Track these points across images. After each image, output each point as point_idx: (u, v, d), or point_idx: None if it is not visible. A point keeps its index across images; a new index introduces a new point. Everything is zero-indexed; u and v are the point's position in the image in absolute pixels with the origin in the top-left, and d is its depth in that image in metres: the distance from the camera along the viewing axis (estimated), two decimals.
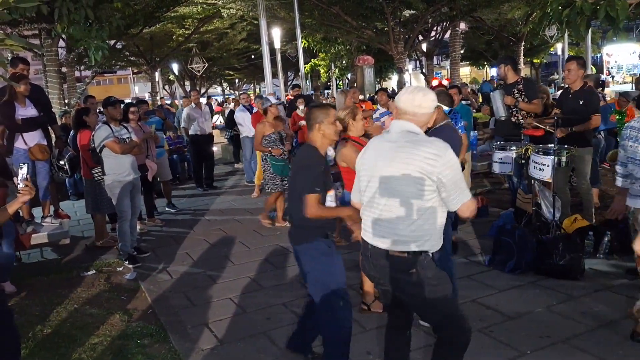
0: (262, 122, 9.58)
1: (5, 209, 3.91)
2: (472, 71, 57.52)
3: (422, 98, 3.55)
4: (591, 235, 6.84)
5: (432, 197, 3.40)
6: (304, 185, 4.13)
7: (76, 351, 5.27)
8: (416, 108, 3.54)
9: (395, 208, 3.46)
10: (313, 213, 4.08)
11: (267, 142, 9.24)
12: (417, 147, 3.41)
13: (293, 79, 49.32)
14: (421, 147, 3.40)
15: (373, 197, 3.59)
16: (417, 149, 3.40)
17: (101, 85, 66.27)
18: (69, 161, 8.78)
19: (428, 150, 3.36)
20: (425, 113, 3.57)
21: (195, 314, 6.03)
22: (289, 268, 7.25)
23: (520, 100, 8.01)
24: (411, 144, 3.45)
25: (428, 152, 3.36)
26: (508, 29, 28.50)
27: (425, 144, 3.43)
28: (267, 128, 9.37)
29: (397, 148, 3.48)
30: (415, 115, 3.55)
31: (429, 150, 3.36)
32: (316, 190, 4.08)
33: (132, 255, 7.82)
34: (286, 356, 4.93)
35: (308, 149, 4.34)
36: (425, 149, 3.38)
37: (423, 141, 3.47)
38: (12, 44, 3.90)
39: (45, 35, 14.02)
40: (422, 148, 3.39)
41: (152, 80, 32.84)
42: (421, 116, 3.57)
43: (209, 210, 11.13)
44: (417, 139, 3.48)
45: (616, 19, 6.28)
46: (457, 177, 3.39)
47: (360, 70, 23.37)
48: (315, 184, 4.09)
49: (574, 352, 4.63)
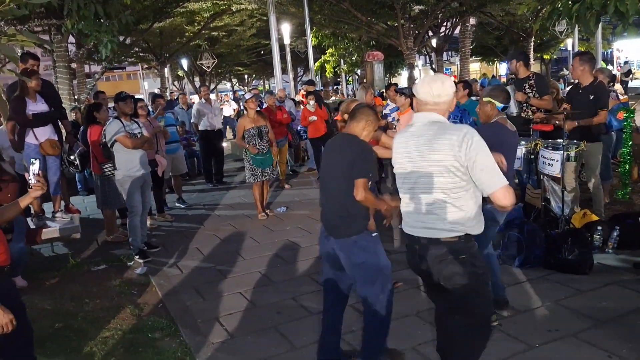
0: (245, 116, 9.92)
1: (17, 204, 3.93)
2: (482, 67, 57.32)
3: (441, 87, 3.60)
4: (600, 230, 6.84)
5: (466, 185, 3.45)
6: (358, 168, 4.19)
7: (88, 345, 5.32)
8: (436, 98, 3.60)
9: (434, 199, 3.51)
10: (362, 196, 4.14)
11: (247, 136, 9.56)
12: (443, 136, 3.45)
13: (302, 74, 49.25)
14: (446, 135, 3.44)
15: (412, 192, 3.65)
16: (443, 138, 3.44)
17: (110, 81, 66.34)
18: (79, 156, 8.83)
19: (453, 137, 3.40)
20: (446, 101, 3.62)
21: (206, 309, 6.06)
22: (299, 263, 7.29)
23: (532, 96, 8.01)
24: (436, 134, 3.49)
25: (453, 138, 3.39)
26: (518, 24, 28.42)
27: (450, 131, 3.47)
28: (247, 123, 9.65)
29: (425, 141, 3.53)
30: (437, 105, 3.61)
31: (454, 137, 3.40)
32: (369, 176, 4.18)
33: (142, 250, 7.86)
34: (296, 350, 4.96)
35: (355, 137, 4.39)
36: (450, 136, 3.42)
37: (448, 128, 3.51)
38: (24, 40, 3.93)
39: (54, 31, 14.10)
40: (447, 135, 3.43)
41: (162, 76, 32.86)
42: (442, 104, 3.62)
43: (219, 205, 11.17)
44: (442, 128, 3.52)
45: (626, 14, 6.27)
46: (487, 162, 3.39)
47: (370, 66, 23.37)
48: (369, 170, 4.20)
49: (582, 346, 4.64)
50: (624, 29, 6.77)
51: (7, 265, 3.80)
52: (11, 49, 3.97)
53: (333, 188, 4.41)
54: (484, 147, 3.41)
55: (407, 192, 3.70)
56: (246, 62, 44.40)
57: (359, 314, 5.55)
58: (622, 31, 6.89)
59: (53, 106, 8.12)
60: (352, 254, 4.33)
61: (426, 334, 4.97)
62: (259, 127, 9.62)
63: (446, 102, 3.63)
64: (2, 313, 3.43)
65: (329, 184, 4.47)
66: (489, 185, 3.40)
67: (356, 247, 4.29)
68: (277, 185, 12.20)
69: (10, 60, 3.97)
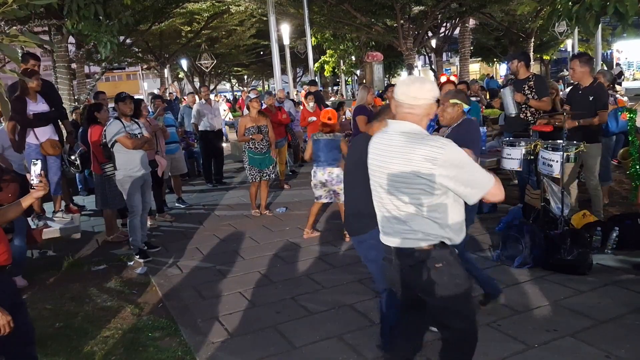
0: (246, 115, 10.11)
1: (19, 203, 3.95)
2: (482, 67, 57.36)
3: (418, 89, 3.39)
4: (599, 230, 6.86)
5: (442, 194, 3.30)
6: None
7: (88, 344, 5.34)
8: (412, 100, 3.38)
9: (406, 207, 3.38)
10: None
11: (248, 134, 9.73)
12: (417, 148, 3.27)
13: (302, 75, 49.30)
14: (420, 147, 3.26)
15: (385, 201, 3.53)
16: (416, 150, 3.26)
17: (110, 81, 66.41)
18: (80, 156, 8.85)
19: (427, 149, 3.22)
20: (422, 105, 3.39)
21: (206, 308, 6.07)
22: (299, 263, 7.30)
23: (530, 97, 8.02)
24: (410, 145, 3.32)
25: (427, 151, 3.22)
26: (517, 25, 28.45)
27: (424, 142, 3.28)
28: (248, 121, 9.80)
29: (398, 152, 3.36)
30: (412, 108, 3.40)
31: (427, 149, 3.22)
32: None
33: (142, 250, 7.87)
34: (296, 350, 4.98)
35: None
36: (423, 148, 3.24)
37: (422, 140, 3.31)
38: (26, 41, 3.94)
39: (54, 31, 14.12)
40: (421, 148, 3.25)
41: (161, 77, 32.88)
42: (418, 108, 3.39)
43: (218, 205, 11.18)
44: (416, 139, 3.33)
45: (625, 15, 6.28)
46: (466, 174, 3.24)
47: (370, 67, 23.37)
48: None
49: (581, 346, 4.65)
50: (623, 30, 6.78)
51: (8, 265, 3.81)
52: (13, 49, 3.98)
53: (350, 187, 4.48)
54: (461, 160, 3.25)
55: (380, 200, 3.58)
56: (245, 62, 44.45)
57: (358, 313, 5.58)
58: (622, 32, 6.90)
59: (53, 106, 8.14)
60: (364, 251, 4.47)
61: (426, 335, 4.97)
62: (259, 126, 9.76)
63: (422, 107, 3.40)
64: (0, 314, 3.44)
65: (348, 182, 4.54)
66: (472, 196, 3.31)
67: (367, 244, 4.38)
68: (277, 186, 12.21)
69: (12, 60, 3.99)
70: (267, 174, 9.91)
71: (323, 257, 7.37)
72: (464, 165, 3.25)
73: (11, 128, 7.76)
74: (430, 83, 3.47)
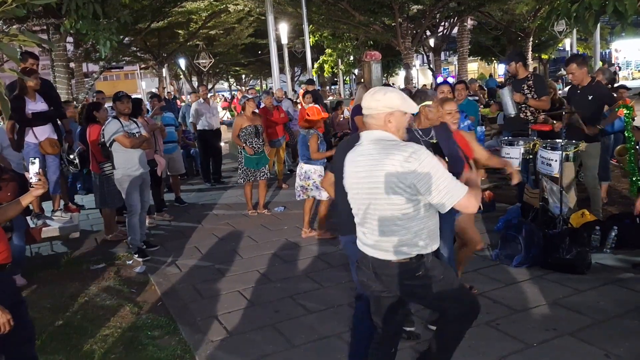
0: (241, 115, 10.12)
1: (18, 202, 3.96)
2: (480, 66, 57.39)
3: (370, 99, 3.47)
4: (598, 230, 6.86)
5: (418, 201, 3.33)
6: None
7: (87, 342, 5.35)
8: (366, 110, 3.49)
9: (383, 220, 3.40)
10: None
11: (244, 134, 9.75)
12: (389, 156, 3.31)
13: (300, 74, 49.29)
14: (391, 155, 3.30)
15: (362, 212, 3.54)
16: (388, 158, 3.31)
17: (108, 80, 66.46)
18: (78, 155, 8.85)
19: (398, 157, 3.26)
20: (375, 114, 3.44)
21: (205, 307, 6.08)
22: (297, 262, 7.31)
23: (530, 97, 8.03)
24: (382, 153, 3.36)
25: (398, 158, 3.26)
26: (516, 24, 28.46)
27: (396, 150, 3.31)
28: (244, 121, 9.83)
29: (371, 160, 3.40)
30: (370, 117, 3.48)
31: (399, 157, 3.26)
32: None
33: (141, 249, 7.88)
34: (294, 348, 4.98)
35: None
36: (395, 156, 3.28)
37: (393, 148, 3.35)
38: (25, 40, 3.94)
39: (53, 30, 14.10)
40: (392, 156, 3.29)
41: (160, 76, 32.87)
42: (370, 118, 3.48)
43: (216, 204, 11.19)
44: (388, 147, 3.37)
45: (624, 14, 6.28)
46: (436, 180, 3.26)
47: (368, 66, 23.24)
48: None
49: (580, 345, 4.66)
50: (622, 29, 6.78)
51: (8, 263, 3.82)
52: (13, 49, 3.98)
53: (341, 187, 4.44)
54: (432, 165, 3.27)
55: (357, 211, 3.60)
56: (243, 62, 44.44)
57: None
58: (621, 31, 6.90)
59: (52, 105, 8.13)
60: (352, 251, 4.35)
61: (423, 332, 4.98)
62: (256, 125, 9.81)
63: (375, 117, 3.45)
64: (0, 313, 3.45)
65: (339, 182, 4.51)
66: (445, 202, 3.28)
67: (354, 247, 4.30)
68: (275, 185, 12.22)
69: (12, 59, 3.98)
70: (264, 172, 9.95)
71: (321, 256, 7.37)
72: (436, 172, 3.27)
73: (10, 127, 7.75)
74: (382, 94, 3.48)
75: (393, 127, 3.45)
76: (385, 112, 3.42)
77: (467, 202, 3.32)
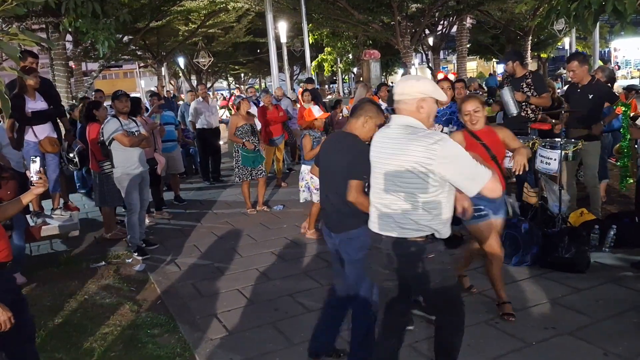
0: (236, 114, 10.15)
1: (19, 200, 3.98)
2: (479, 65, 57.35)
3: (403, 85, 3.62)
4: (597, 228, 6.87)
5: (437, 190, 3.44)
6: (354, 169, 4.16)
7: (87, 340, 5.36)
8: (398, 95, 3.62)
9: (401, 201, 3.51)
10: (354, 197, 4.12)
11: (240, 132, 9.80)
12: (415, 141, 3.43)
13: (299, 73, 49.23)
14: (418, 140, 3.42)
15: (382, 191, 3.64)
16: (414, 143, 3.43)
17: (107, 79, 66.38)
18: (78, 154, 8.85)
19: (424, 147, 3.38)
20: (406, 100, 3.58)
21: (204, 305, 6.09)
22: (296, 260, 7.32)
23: (530, 94, 8.02)
24: (409, 138, 3.48)
25: (424, 144, 3.38)
26: (515, 23, 28.45)
27: (422, 136, 3.44)
28: (240, 120, 9.89)
29: (398, 143, 3.53)
30: (398, 103, 3.63)
31: (425, 143, 3.38)
32: (364, 178, 4.10)
33: (140, 247, 7.89)
34: (293, 346, 4.99)
35: (354, 137, 4.36)
36: (421, 141, 3.41)
37: (420, 134, 3.47)
38: (25, 39, 3.94)
39: (52, 29, 14.08)
40: (419, 141, 3.41)
41: (159, 75, 32.83)
42: (402, 104, 3.61)
43: (216, 203, 11.20)
44: (415, 133, 3.50)
45: (624, 13, 6.29)
46: (462, 168, 3.39)
47: (367, 65, 23.36)
48: (364, 171, 4.06)
49: (579, 344, 4.67)
50: (622, 28, 6.78)
51: (9, 262, 3.82)
52: (13, 47, 3.98)
53: (332, 185, 4.41)
54: (458, 155, 3.41)
55: (378, 190, 3.70)
56: (242, 60, 44.37)
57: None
58: (620, 30, 6.90)
59: (52, 104, 8.14)
60: (348, 250, 4.34)
61: (422, 331, 4.99)
62: (251, 124, 9.95)
63: (407, 103, 3.58)
64: (0, 311, 3.46)
65: (328, 180, 4.48)
66: (471, 188, 3.42)
67: (353, 243, 4.29)
68: (274, 184, 12.23)
69: (12, 58, 3.99)
70: (261, 170, 10.01)
71: (320, 255, 7.37)
72: (461, 158, 3.39)
73: (10, 126, 7.76)
74: (415, 81, 3.67)
75: (424, 113, 3.59)
76: (418, 97, 3.55)
77: (493, 185, 3.43)
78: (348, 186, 4.15)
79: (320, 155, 4.70)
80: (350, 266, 4.37)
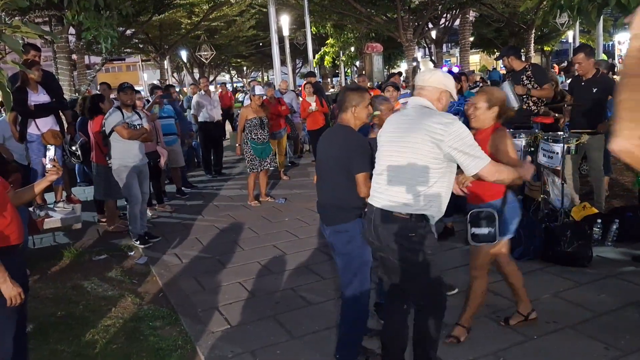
0: (247, 107, 10.34)
1: (32, 188, 4.10)
2: (482, 59, 57.24)
3: (429, 76, 3.86)
4: (599, 222, 6.85)
5: (440, 168, 3.62)
6: (358, 164, 4.16)
7: (89, 333, 5.36)
8: (420, 81, 3.90)
9: (402, 175, 3.67)
10: (366, 192, 4.08)
11: (249, 125, 9.91)
12: (429, 119, 3.63)
13: (301, 66, 49.19)
14: (432, 119, 3.62)
15: (383, 165, 3.81)
16: (428, 120, 3.62)
17: (110, 72, 66.27)
18: (80, 147, 8.86)
19: (436, 122, 3.59)
20: (426, 87, 3.83)
21: (206, 298, 6.10)
22: (298, 253, 7.32)
23: (530, 87, 8.00)
24: (423, 116, 3.69)
25: (437, 123, 3.58)
26: (518, 16, 28.38)
27: (436, 116, 3.66)
28: (250, 112, 9.97)
29: (411, 120, 3.75)
30: (421, 89, 3.86)
31: (437, 122, 3.58)
32: (369, 169, 4.12)
33: (141, 236, 7.93)
34: (295, 339, 5.00)
35: (350, 130, 4.34)
36: (433, 120, 3.60)
37: (435, 114, 3.71)
38: (28, 32, 3.95)
39: (55, 22, 14.09)
40: (433, 119, 3.62)
41: (161, 68, 32.81)
42: (423, 90, 3.85)
43: (217, 196, 11.20)
44: (429, 113, 3.72)
45: (627, 7, 6.27)
46: (468, 146, 3.57)
47: (369, 58, 23.35)
48: (367, 162, 4.14)
49: (580, 338, 4.67)
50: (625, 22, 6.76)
51: (20, 244, 3.86)
52: (15, 40, 3.99)
53: (327, 178, 4.42)
54: (465, 135, 3.59)
55: (382, 164, 3.85)
56: (245, 54, 44.34)
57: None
58: (624, 23, 6.88)
59: (54, 97, 8.14)
60: (339, 242, 4.36)
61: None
62: (261, 117, 9.93)
63: (429, 90, 3.82)
64: (11, 286, 3.53)
65: (324, 174, 4.49)
66: (472, 166, 3.60)
67: (344, 236, 4.29)
68: (276, 177, 12.24)
69: (14, 51, 4.00)
70: (268, 163, 10.11)
71: (322, 248, 7.37)
72: (469, 138, 3.61)
73: (12, 119, 7.77)
74: (442, 75, 3.90)
75: (442, 103, 3.86)
76: (441, 89, 3.83)
77: (492, 168, 3.65)
78: (356, 182, 4.15)
79: (317, 149, 4.71)
80: (339, 258, 4.44)
